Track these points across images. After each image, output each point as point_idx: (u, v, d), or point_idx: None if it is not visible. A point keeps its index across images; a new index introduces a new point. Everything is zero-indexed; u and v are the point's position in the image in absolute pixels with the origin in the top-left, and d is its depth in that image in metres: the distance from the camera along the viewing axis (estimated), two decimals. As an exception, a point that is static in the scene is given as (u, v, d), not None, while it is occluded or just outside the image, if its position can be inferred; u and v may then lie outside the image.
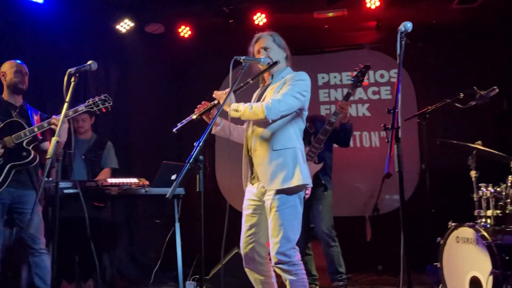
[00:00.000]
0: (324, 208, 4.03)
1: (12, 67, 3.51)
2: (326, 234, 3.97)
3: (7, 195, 3.34)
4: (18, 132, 3.34)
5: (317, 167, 3.98)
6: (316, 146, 3.90)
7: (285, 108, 2.68)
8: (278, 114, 2.67)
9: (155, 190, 4.10)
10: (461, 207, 3.82)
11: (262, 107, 2.64)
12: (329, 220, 4.04)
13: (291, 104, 2.70)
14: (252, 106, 2.69)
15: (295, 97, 2.70)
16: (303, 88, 2.75)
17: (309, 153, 3.90)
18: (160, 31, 5.92)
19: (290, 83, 2.75)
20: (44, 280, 3.38)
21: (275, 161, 2.69)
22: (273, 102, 2.65)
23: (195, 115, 2.79)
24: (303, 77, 2.80)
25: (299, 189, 2.71)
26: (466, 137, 3.78)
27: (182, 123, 2.80)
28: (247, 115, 2.70)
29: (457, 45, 5.85)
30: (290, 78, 2.79)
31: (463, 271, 3.30)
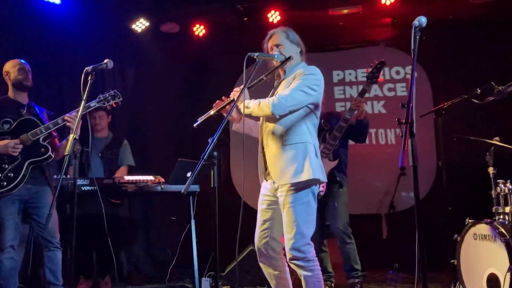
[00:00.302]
0: (339, 205, 4.01)
1: (14, 65, 3.54)
2: (341, 231, 3.96)
3: (25, 191, 3.41)
4: (34, 130, 3.40)
5: (332, 164, 3.96)
6: (331, 143, 3.88)
7: (292, 103, 2.66)
8: (285, 110, 2.66)
9: (171, 187, 4.14)
10: (479, 204, 3.78)
11: (269, 103, 2.65)
12: (345, 217, 4.02)
13: (299, 98, 2.68)
14: (260, 103, 2.70)
15: (304, 92, 2.68)
16: (313, 82, 2.71)
17: (324, 150, 3.88)
18: (175, 30, 5.96)
19: (299, 78, 2.73)
20: (55, 275, 3.44)
21: (285, 156, 2.69)
22: (279, 98, 2.65)
23: (213, 110, 2.81)
24: (313, 71, 2.77)
25: (311, 184, 2.69)
26: (484, 133, 3.73)
27: (201, 118, 2.82)
28: (255, 111, 2.72)
29: (474, 40, 5.77)
30: (300, 72, 2.76)
31: (480, 268, 3.27)
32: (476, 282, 3.30)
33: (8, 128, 3.42)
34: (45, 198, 3.46)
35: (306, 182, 2.66)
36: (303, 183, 2.65)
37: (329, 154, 3.90)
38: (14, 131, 3.41)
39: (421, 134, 5.67)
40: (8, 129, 3.41)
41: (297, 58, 2.89)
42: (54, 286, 3.44)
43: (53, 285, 3.43)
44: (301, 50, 2.93)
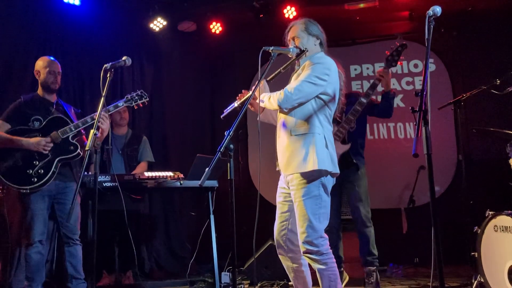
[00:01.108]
0: (360, 188, 3.93)
1: (45, 67, 3.64)
2: (364, 215, 3.90)
3: (54, 187, 3.53)
4: (63, 128, 3.50)
5: (345, 147, 3.86)
6: (344, 126, 3.80)
7: (298, 96, 2.65)
8: (292, 103, 2.67)
9: (190, 182, 4.18)
10: (500, 196, 3.74)
11: (276, 98, 2.67)
12: (366, 200, 3.95)
13: (306, 91, 2.66)
14: (270, 97, 2.72)
15: (311, 83, 2.65)
16: (322, 72, 2.67)
17: (337, 133, 3.79)
18: (192, 28, 6.03)
19: (307, 68, 2.71)
20: (76, 269, 3.55)
21: (292, 146, 2.69)
22: (285, 92, 2.66)
23: (237, 103, 2.85)
24: (321, 60, 2.73)
25: (319, 175, 2.66)
26: (504, 124, 3.68)
27: (227, 110, 2.87)
28: (267, 105, 2.75)
29: (493, 31, 5.69)
30: (308, 64, 2.74)
31: (501, 260, 3.23)
32: (497, 274, 3.26)
33: (39, 125, 3.54)
34: (71, 195, 3.57)
35: (312, 173, 2.63)
36: (308, 173, 2.63)
37: (342, 137, 3.82)
38: (44, 128, 3.53)
39: (441, 127, 5.62)
40: (39, 127, 3.53)
41: (315, 49, 2.86)
42: (76, 280, 3.54)
43: (75, 279, 3.54)
44: (320, 42, 2.90)
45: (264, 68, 2.67)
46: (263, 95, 2.79)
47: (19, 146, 3.41)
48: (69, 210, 3.38)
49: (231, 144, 2.41)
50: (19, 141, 3.42)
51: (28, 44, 4.70)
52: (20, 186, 3.39)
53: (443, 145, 5.71)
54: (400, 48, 3.87)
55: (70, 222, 3.47)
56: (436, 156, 5.55)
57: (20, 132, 3.48)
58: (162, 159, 5.64)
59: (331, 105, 2.79)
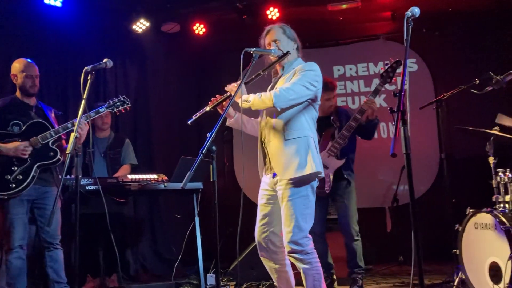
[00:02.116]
0: (349, 202, 4.00)
1: (22, 71, 3.56)
2: (352, 228, 3.95)
3: (33, 192, 3.48)
4: (43, 133, 3.45)
5: (339, 163, 3.94)
6: (339, 142, 3.86)
7: (293, 97, 2.70)
8: (287, 103, 2.70)
9: (174, 185, 4.17)
10: (481, 194, 3.79)
11: (271, 95, 2.68)
12: (355, 215, 4.01)
13: (300, 92, 2.71)
14: (261, 95, 2.74)
15: (304, 87, 2.72)
16: (313, 78, 2.76)
17: (332, 148, 3.86)
18: (176, 29, 6.01)
19: (299, 73, 2.77)
20: (58, 274, 3.51)
21: (288, 151, 2.72)
22: (281, 90, 2.69)
23: (208, 106, 2.85)
24: (313, 68, 2.81)
25: (311, 178, 2.73)
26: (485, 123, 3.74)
27: (196, 115, 2.87)
28: (256, 104, 2.75)
29: (474, 32, 5.79)
30: (300, 68, 2.81)
31: (482, 257, 3.28)
32: (478, 271, 3.31)
33: (18, 130, 3.48)
34: (51, 200, 3.52)
35: (308, 176, 2.69)
36: (305, 177, 2.69)
37: (336, 153, 3.89)
38: (23, 133, 3.47)
39: (424, 126, 5.69)
40: (18, 132, 3.47)
41: (294, 54, 2.93)
42: (58, 284, 3.50)
43: (57, 283, 3.50)
44: (297, 46, 2.96)
45: (246, 70, 2.68)
46: (247, 95, 2.80)
47: None
48: (49, 215, 3.33)
49: (214, 146, 2.40)
50: None
51: (9, 46, 4.64)
52: None
53: (426, 144, 5.78)
54: (394, 65, 3.88)
55: (50, 227, 3.42)
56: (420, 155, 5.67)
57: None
58: (147, 162, 5.61)
59: (316, 107, 2.88)
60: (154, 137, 5.97)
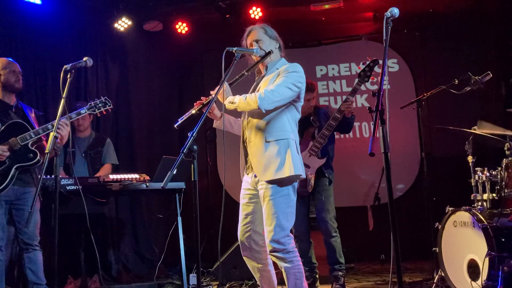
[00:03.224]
0: (327, 199, 4.05)
1: (5, 67, 3.51)
2: (329, 224, 3.99)
3: (12, 192, 3.41)
4: (22, 134, 3.38)
5: (321, 162, 4.00)
6: (320, 141, 3.92)
7: (278, 99, 2.70)
8: (272, 105, 2.70)
9: (156, 184, 4.15)
10: (461, 192, 3.86)
11: (256, 98, 2.68)
12: (332, 211, 4.06)
13: (285, 94, 2.72)
14: (246, 97, 2.73)
15: (288, 88, 2.73)
16: (297, 80, 2.77)
17: (313, 147, 3.93)
18: (158, 28, 5.97)
19: (283, 75, 2.77)
20: (37, 275, 3.45)
21: (268, 152, 2.73)
22: (265, 93, 2.69)
23: (194, 109, 2.84)
24: (296, 69, 2.82)
25: (293, 180, 2.75)
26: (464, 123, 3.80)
27: (182, 118, 2.85)
28: (241, 106, 2.75)
29: (454, 32, 5.87)
30: (284, 70, 2.81)
31: (461, 254, 3.34)
32: (457, 268, 3.37)
33: None
34: (30, 201, 3.45)
35: (288, 178, 2.70)
36: (284, 179, 2.70)
37: (317, 152, 3.95)
38: (2, 134, 3.38)
39: (405, 125, 5.76)
40: None
41: (276, 53, 2.93)
42: (37, 285, 3.44)
43: (36, 284, 3.44)
44: (279, 46, 2.97)
45: (228, 69, 2.68)
46: (232, 97, 2.80)
47: None
48: (28, 216, 3.27)
49: (195, 146, 2.40)
50: None
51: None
52: None
53: (407, 143, 5.85)
54: (372, 64, 3.98)
55: (29, 228, 3.36)
56: (401, 154, 5.73)
57: None
58: (129, 161, 5.57)
59: (299, 108, 2.89)
60: (136, 137, 5.92)
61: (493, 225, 3.12)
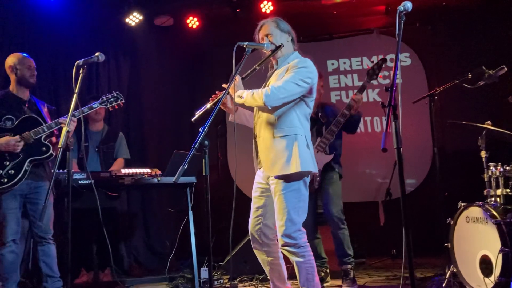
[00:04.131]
0: (334, 191, 4.05)
1: (22, 62, 3.57)
2: (336, 217, 3.99)
3: (26, 186, 3.47)
4: (36, 128, 3.44)
5: (328, 158, 4.00)
6: (327, 137, 3.93)
7: (285, 95, 2.68)
8: (278, 101, 2.69)
9: (168, 179, 4.17)
10: (473, 188, 3.82)
11: (262, 94, 2.68)
12: (339, 203, 4.06)
13: (292, 90, 2.70)
14: (254, 93, 2.73)
15: (296, 84, 2.70)
16: (305, 75, 2.74)
17: (320, 143, 3.93)
18: (169, 23, 5.97)
19: (292, 70, 2.75)
20: (51, 268, 3.52)
21: (276, 148, 2.73)
22: (272, 89, 2.68)
23: (209, 104, 2.85)
24: (306, 64, 2.79)
25: (302, 175, 2.73)
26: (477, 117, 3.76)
27: (198, 112, 2.87)
28: (249, 101, 2.75)
29: (467, 26, 5.79)
30: (293, 65, 2.79)
31: (473, 250, 3.31)
32: (469, 264, 3.34)
33: (11, 125, 3.46)
34: (43, 195, 3.51)
35: (295, 174, 2.69)
36: (292, 175, 2.69)
37: (325, 148, 3.95)
38: (16, 128, 3.45)
39: (418, 120, 5.71)
40: (11, 126, 3.46)
41: (288, 47, 2.91)
42: (51, 278, 3.51)
43: (50, 277, 3.50)
44: (292, 39, 2.94)
45: (239, 64, 2.67)
46: (242, 91, 2.79)
47: None
48: (41, 209, 3.32)
49: (206, 140, 2.41)
50: None
51: (1, 40, 4.58)
52: None
53: (419, 138, 5.81)
54: (380, 62, 4.02)
55: (42, 222, 3.42)
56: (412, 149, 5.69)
57: None
58: (140, 156, 5.60)
59: (310, 104, 2.87)
60: (147, 131, 5.95)
61: (506, 221, 3.08)
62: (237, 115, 2.98)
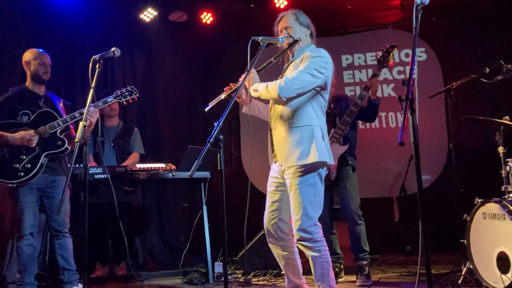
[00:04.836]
0: (351, 186, 4.02)
1: (36, 58, 3.62)
2: (354, 212, 3.97)
3: (42, 180, 3.53)
4: (51, 122, 3.49)
5: (343, 149, 3.97)
6: (341, 128, 3.90)
7: (299, 86, 2.67)
8: (292, 93, 2.68)
9: (182, 174, 4.20)
10: (490, 184, 3.77)
11: (275, 86, 2.67)
12: (357, 198, 4.03)
13: (306, 81, 2.68)
14: (268, 86, 2.72)
15: (311, 74, 2.68)
16: (320, 65, 2.71)
17: (335, 134, 3.90)
18: (183, 19, 5.99)
19: (306, 60, 2.73)
20: (67, 261, 3.57)
21: (292, 139, 2.71)
22: (286, 81, 2.67)
23: (223, 94, 2.85)
24: (320, 54, 2.76)
25: (318, 167, 2.71)
26: (494, 113, 3.71)
27: (212, 102, 2.87)
28: (263, 94, 2.74)
29: (484, 20, 5.70)
30: (307, 55, 2.77)
31: (490, 247, 3.27)
32: (486, 260, 3.30)
33: (27, 119, 3.52)
34: (60, 189, 3.56)
35: (312, 165, 2.68)
36: (308, 165, 2.67)
37: (339, 139, 3.93)
38: (32, 123, 3.51)
39: (433, 116, 5.66)
40: (27, 121, 3.52)
41: (306, 40, 2.89)
42: (68, 271, 3.56)
43: (66, 270, 3.56)
44: (311, 33, 2.93)
45: (253, 58, 2.67)
46: (257, 84, 2.79)
47: (5, 142, 3.40)
48: (58, 203, 3.37)
49: (221, 135, 2.41)
50: (4, 136, 3.41)
51: (17, 36, 4.64)
52: (7, 180, 3.39)
53: (434, 133, 5.75)
54: (390, 49, 3.98)
55: (59, 216, 3.47)
56: (428, 144, 5.63)
57: (8, 126, 3.46)
58: (155, 151, 5.63)
59: (325, 97, 2.84)
60: (161, 126, 5.98)
61: (524, 217, 3.04)
62: (250, 106, 2.97)
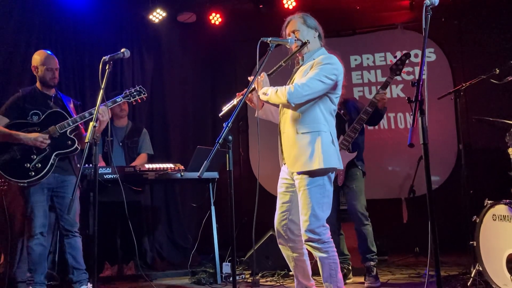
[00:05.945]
0: (358, 188, 4.03)
1: (43, 64, 3.64)
2: (360, 213, 3.97)
3: (53, 180, 3.56)
4: (61, 122, 3.52)
5: (351, 156, 3.99)
6: (350, 135, 3.90)
7: (308, 92, 2.67)
8: (301, 99, 2.68)
9: (191, 174, 4.21)
10: (499, 185, 3.75)
11: (285, 92, 2.68)
12: (363, 200, 4.04)
13: (316, 88, 2.69)
14: (277, 90, 2.73)
15: (320, 81, 2.69)
16: (330, 72, 2.71)
17: (344, 141, 3.91)
18: (192, 19, 6.03)
19: (317, 67, 2.74)
20: (77, 260, 3.60)
21: (299, 144, 2.73)
22: (296, 87, 2.67)
23: (236, 99, 2.87)
24: (331, 61, 2.77)
25: (327, 171, 2.72)
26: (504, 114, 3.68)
27: (226, 107, 2.89)
28: (273, 98, 2.75)
29: (494, 21, 5.66)
30: (317, 61, 2.77)
31: (500, 249, 3.25)
32: (495, 262, 3.28)
33: (37, 120, 3.56)
34: (70, 188, 3.60)
35: (318, 170, 2.69)
36: (316, 171, 2.68)
37: (348, 146, 3.94)
38: (42, 123, 3.55)
39: (442, 117, 5.62)
40: (37, 121, 3.55)
41: (315, 43, 2.90)
42: (77, 270, 3.59)
43: (76, 269, 3.59)
44: (319, 35, 2.93)
45: (262, 60, 2.67)
46: (266, 88, 2.80)
47: (18, 141, 3.44)
48: (68, 203, 3.40)
49: (230, 136, 2.42)
50: (18, 135, 3.44)
51: (28, 37, 4.68)
52: (18, 179, 3.42)
53: (444, 134, 5.72)
54: (404, 58, 4.01)
55: (69, 215, 3.50)
56: (437, 145, 5.60)
57: (18, 126, 3.50)
58: (163, 151, 5.66)
59: (335, 101, 2.85)
60: (170, 127, 6.00)
61: (535, 219, 3.02)
62: (263, 111, 2.99)
